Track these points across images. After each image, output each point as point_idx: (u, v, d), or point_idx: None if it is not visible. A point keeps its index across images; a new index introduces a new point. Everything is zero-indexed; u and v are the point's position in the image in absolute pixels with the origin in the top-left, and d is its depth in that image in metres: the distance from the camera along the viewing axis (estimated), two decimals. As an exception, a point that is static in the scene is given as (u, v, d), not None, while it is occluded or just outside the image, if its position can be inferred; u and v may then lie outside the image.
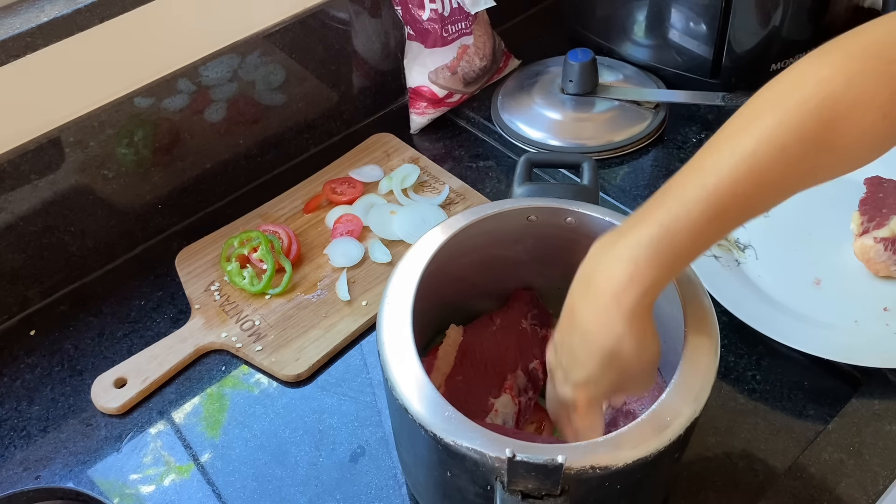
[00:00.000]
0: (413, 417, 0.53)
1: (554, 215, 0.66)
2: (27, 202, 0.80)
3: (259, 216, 0.92)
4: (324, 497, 0.69)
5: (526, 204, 0.66)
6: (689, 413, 0.53)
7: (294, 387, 0.77)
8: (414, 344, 0.56)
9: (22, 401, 0.78)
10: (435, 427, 0.52)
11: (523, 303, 0.72)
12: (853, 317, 0.76)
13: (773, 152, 0.49)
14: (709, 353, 0.56)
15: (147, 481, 0.71)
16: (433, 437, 0.52)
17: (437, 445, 0.52)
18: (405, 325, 0.57)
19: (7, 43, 0.72)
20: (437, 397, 0.53)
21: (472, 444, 0.50)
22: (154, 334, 0.82)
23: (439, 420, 0.52)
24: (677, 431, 0.52)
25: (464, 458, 0.51)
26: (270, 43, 0.92)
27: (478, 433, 0.51)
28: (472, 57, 1.02)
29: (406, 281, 0.60)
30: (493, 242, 0.68)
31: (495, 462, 0.50)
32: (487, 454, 0.50)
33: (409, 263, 0.62)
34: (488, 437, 0.51)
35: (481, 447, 0.50)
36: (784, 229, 0.85)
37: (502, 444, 0.50)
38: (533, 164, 0.73)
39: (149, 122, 0.86)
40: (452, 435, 0.51)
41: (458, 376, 0.67)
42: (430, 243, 0.63)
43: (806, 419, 0.71)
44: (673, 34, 1.01)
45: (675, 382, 0.54)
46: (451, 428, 0.51)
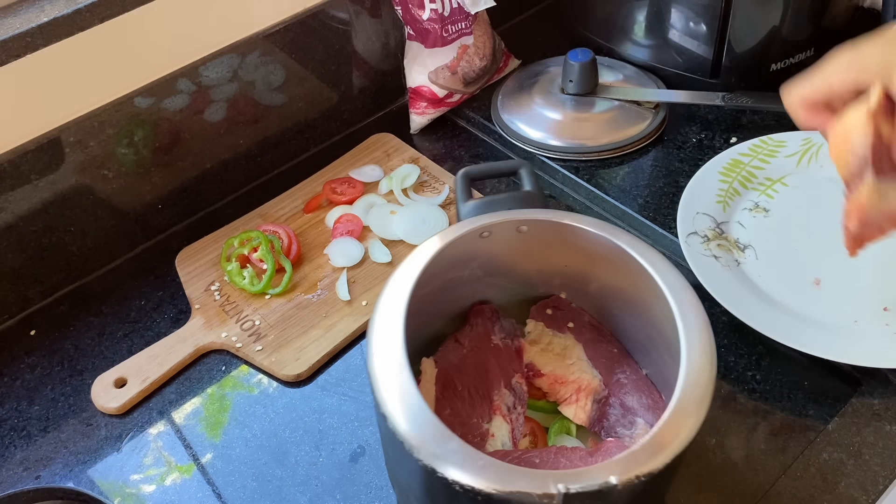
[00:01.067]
0: (443, 475, 0.49)
1: (507, 228, 0.65)
2: (27, 202, 0.80)
3: (259, 216, 0.92)
4: (324, 497, 0.69)
5: (480, 223, 0.65)
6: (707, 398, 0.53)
7: (294, 387, 0.77)
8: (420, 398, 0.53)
9: (22, 401, 0.78)
10: (473, 481, 0.49)
11: (485, 318, 0.71)
12: (853, 317, 0.76)
13: None
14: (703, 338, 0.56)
15: (147, 481, 0.71)
16: (470, 491, 0.49)
17: (476, 497, 0.49)
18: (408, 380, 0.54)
19: (7, 43, 0.72)
20: (469, 450, 0.50)
21: (514, 486, 0.48)
22: (154, 334, 0.82)
23: (475, 472, 0.49)
24: (702, 416, 0.52)
25: (508, 503, 0.49)
26: (270, 43, 0.92)
27: (518, 474, 0.49)
28: (472, 57, 1.02)
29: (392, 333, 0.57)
30: (449, 266, 0.66)
31: (543, 499, 0.48)
32: (534, 493, 0.48)
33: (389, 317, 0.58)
34: (530, 476, 0.49)
35: (527, 488, 0.48)
36: (784, 229, 0.85)
37: (546, 480, 0.48)
38: (471, 178, 0.72)
39: (149, 122, 0.86)
40: (493, 483, 0.48)
41: (445, 410, 0.65)
42: (402, 287, 0.60)
43: (806, 419, 0.71)
44: (673, 34, 1.01)
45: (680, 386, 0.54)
46: (490, 476, 0.49)
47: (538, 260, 0.70)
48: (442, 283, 0.67)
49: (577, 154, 0.97)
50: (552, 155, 0.97)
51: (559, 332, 0.71)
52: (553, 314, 0.72)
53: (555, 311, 0.72)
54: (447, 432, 0.51)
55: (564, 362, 0.70)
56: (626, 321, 0.69)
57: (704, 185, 0.88)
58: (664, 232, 0.86)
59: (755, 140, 0.92)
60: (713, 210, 0.86)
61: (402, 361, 0.55)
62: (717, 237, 0.84)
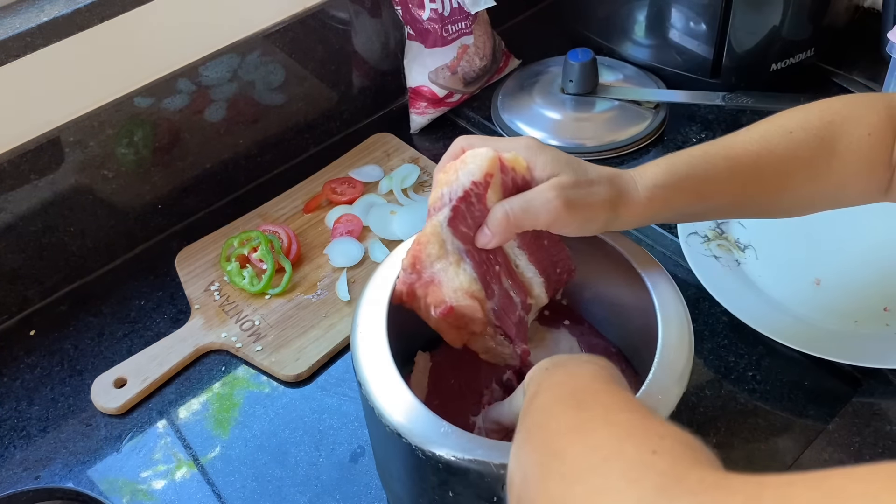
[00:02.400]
0: (407, 440, 0.51)
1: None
2: (27, 202, 0.80)
3: (259, 216, 0.92)
4: (324, 497, 0.69)
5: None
6: (676, 391, 0.53)
7: (294, 387, 0.77)
8: (394, 365, 0.55)
9: (22, 401, 0.78)
10: (433, 446, 0.50)
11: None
12: (853, 317, 0.76)
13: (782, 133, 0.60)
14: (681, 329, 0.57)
15: (146, 481, 0.71)
16: (432, 457, 0.50)
17: (438, 465, 0.50)
18: (383, 349, 0.56)
19: (7, 43, 0.72)
20: (432, 417, 0.52)
21: (473, 455, 0.49)
22: (154, 334, 0.82)
23: (437, 437, 0.51)
24: (669, 409, 0.52)
25: (467, 472, 0.50)
26: (270, 43, 0.92)
27: (477, 443, 0.50)
28: (472, 57, 1.02)
29: (376, 308, 0.59)
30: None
31: (500, 469, 0.49)
32: (492, 463, 0.49)
33: (375, 292, 0.60)
34: (489, 446, 0.50)
35: (484, 457, 0.49)
36: (784, 229, 0.85)
37: (504, 450, 0.49)
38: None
39: (149, 122, 0.86)
40: (453, 450, 0.50)
41: (434, 402, 0.66)
42: (391, 269, 0.61)
43: (806, 419, 0.71)
44: (673, 34, 1.01)
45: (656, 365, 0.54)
46: (451, 443, 0.50)
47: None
48: None
49: (577, 154, 0.96)
50: (552, 155, 0.97)
51: (554, 328, 0.72)
52: (550, 315, 0.72)
53: (552, 312, 0.73)
54: (416, 402, 0.52)
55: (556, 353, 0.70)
56: (620, 327, 0.69)
57: (704, 185, 0.88)
58: (664, 232, 0.86)
59: (755, 140, 0.92)
60: (713, 210, 0.86)
61: (382, 334, 0.56)
62: (718, 237, 0.84)
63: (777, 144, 0.59)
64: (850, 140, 0.60)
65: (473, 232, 0.57)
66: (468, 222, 0.57)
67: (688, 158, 0.59)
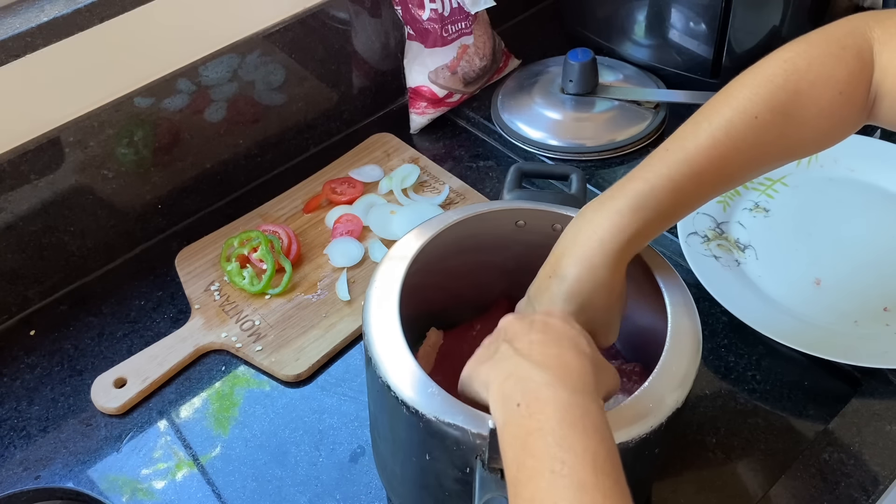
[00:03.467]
0: (395, 394, 0.52)
1: (542, 220, 0.66)
2: (27, 202, 0.80)
3: (259, 216, 0.92)
4: (324, 497, 0.69)
5: (515, 206, 0.66)
6: (673, 400, 0.53)
7: (294, 387, 0.77)
8: (401, 326, 0.56)
9: (22, 401, 0.78)
10: (417, 403, 0.51)
11: (502, 309, 0.71)
12: (853, 317, 0.76)
13: (747, 120, 0.55)
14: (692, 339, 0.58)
15: (146, 480, 0.71)
16: (415, 414, 0.51)
17: (419, 423, 0.52)
18: (392, 309, 0.57)
19: (7, 43, 0.71)
20: (422, 376, 0.53)
21: (453, 419, 0.50)
22: (154, 334, 0.82)
23: (423, 397, 0.52)
24: (660, 419, 0.52)
25: (444, 436, 0.51)
26: (270, 43, 0.92)
27: (459, 409, 0.51)
28: (472, 57, 1.02)
29: (395, 266, 0.60)
30: (480, 247, 0.67)
31: (476, 439, 0.49)
32: (469, 430, 0.50)
33: (396, 254, 0.62)
34: (470, 414, 0.51)
35: (463, 423, 0.50)
36: (784, 229, 0.85)
37: (483, 420, 0.50)
38: (523, 173, 0.73)
39: (149, 122, 0.86)
40: (435, 411, 0.51)
41: (437, 377, 0.66)
42: (417, 237, 0.63)
43: (806, 419, 0.71)
44: (673, 34, 1.01)
45: (659, 369, 0.54)
46: (434, 404, 0.51)
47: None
48: (468, 263, 0.68)
49: (577, 154, 0.97)
50: (552, 155, 0.97)
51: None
52: None
53: None
54: (412, 362, 0.54)
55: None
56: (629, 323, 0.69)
57: (704, 185, 0.88)
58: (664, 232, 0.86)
59: (755, 140, 0.92)
60: (713, 210, 0.86)
61: (394, 302, 0.58)
62: (718, 237, 0.84)
63: (744, 138, 0.55)
64: (821, 105, 0.57)
65: None
66: None
67: (655, 199, 0.55)
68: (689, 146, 0.55)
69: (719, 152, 0.55)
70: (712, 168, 0.56)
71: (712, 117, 0.56)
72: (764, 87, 0.56)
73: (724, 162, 0.56)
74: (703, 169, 0.55)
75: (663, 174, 0.55)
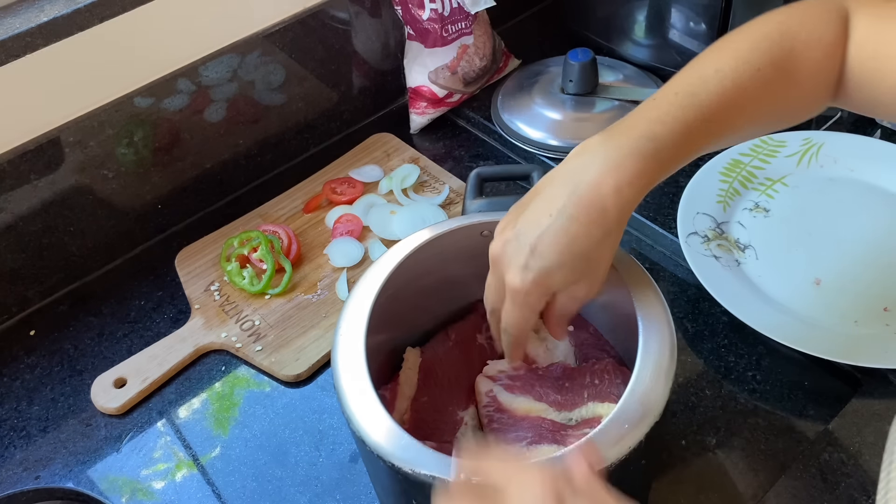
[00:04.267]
0: (371, 449, 0.53)
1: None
2: (27, 202, 0.80)
3: (259, 216, 0.92)
4: (324, 497, 0.69)
5: (477, 220, 0.66)
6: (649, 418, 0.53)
7: (294, 387, 0.77)
8: (369, 376, 0.56)
9: (22, 401, 0.78)
10: (392, 457, 0.52)
11: (479, 315, 0.72)
12: (853, 317, 0.76)
13: (751, 71, 0.55)
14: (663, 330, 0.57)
15: (146, 480, 0.71)
16: (391, 467, 0.52)
17: (397, 475, 0.52)
18: (359, 359, 0.57)
19: (7, 43, 0.72)
20: (394, 428, 0.53)
21: (428, 470, 0.50)
22: (154, 334, 0.82)
23: (396, 449, 0.52)
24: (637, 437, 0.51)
25: (424, 486, 0.51)
26: (270, 43, 0.92)
27: (434, 459, 0.51)
28: (472, 57, 1.02)
29: (358, 313, 0.60)
30: (447, 262, 0.67)
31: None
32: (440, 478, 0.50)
33: (361, 295, 0.61)
34: (442, 462, 0.51)
35: (439, 473, 0.50)
36: (784, 229, 0.85)
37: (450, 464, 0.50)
38: (483, 178, 0.73)
39: (149, 122, 0.86)
40: (410, 463, 0.51)
41: (423, 397, 0.66)
42: (380, 270, 0.63)
43: (806, 419, 0.71)
44: (673, 34, 1.01)
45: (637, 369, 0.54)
46: (408, 456, 0.51)
47: None
48: (442, 278, 0.68)
49: (577, 154, 0.97)
50: (552, 155, 0.97)
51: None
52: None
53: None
54: (382, 411, 0.54)
55: (549, 357, 0.70)
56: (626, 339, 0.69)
57: (704, 185, 0.88)
58: (664, 232, 0.86)
59: (755, 140, 0.92)
60: (713, 210, 0.86)
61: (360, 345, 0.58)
62: (718, 237, 0.84)
63: (748, 89, 0.55)
64: (810, 67, 0.57)
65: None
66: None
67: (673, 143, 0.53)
68: (700, 92, 0.55)
69: (729, 100, 0.55)
70: (721, 116, 0.55)
71: (720, 65, 0.56)
72: (763, 42, 0.57)
73: (732, 111, 0.55)
74: (714, 116, 0.54)
75: (679, 118, 0.53)
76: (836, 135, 0.91)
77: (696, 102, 0.54)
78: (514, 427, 0.64)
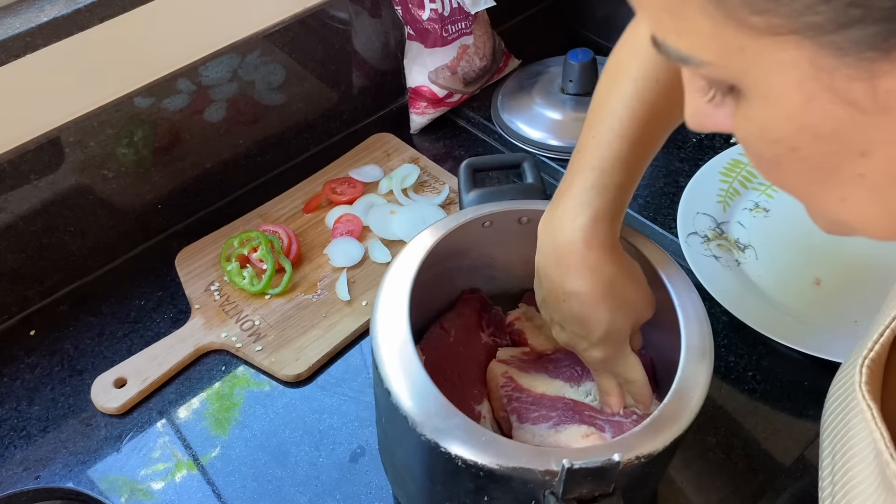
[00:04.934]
0: (446, 449, 0.50)
1: (508, 218, 0.67)
2: (27, 202, 0.80)
3: (259, 216, 0.92)
4: (324, 497, 0.69)
5: (482, 212, 0.66)
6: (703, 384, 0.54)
7: (294, 387, 0.77)
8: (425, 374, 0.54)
9: (22, 401, 0.78)
10: (475, 454, 0.50)
11: (473, 308, 0.72)
12: (853, 317, 0.76)
13: (650, 85, 0.57)
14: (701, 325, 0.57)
15: (146, 480, 0.71)
16: (472, 465, 0.50)
17: (478, 473, 0.50)
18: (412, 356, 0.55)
19: (7, 43, 0.72)
20: (472, 425, 0.51)
21: (518, 463, 0.49)
22: (154, 334, 0.82)
23: (479, 446, 0.50)
24: (699, 403, 0.53)
25: (510, 479, 0.49)
26: (270, 43, 0.92)
27: (522, 451, 0.50)
28: (472, 57, 1.02)
29: (396, 312, 0.58)
30: (449, 255, 0.67)
31: (546, 476, 0.49)
32: (537, 469, 0.49)
33: (393, 297, 0.59)
34: (532, 453, 0.50)
35: (529, 464, 0.49)
36: (784, 229, 0.85)
37: (549, 457, 0.49)
38: (475, 169, 0.72)
39: (149, 122, 0.86)
40: (497, 458, 0.49)
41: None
42: (407, 269, 0.61)
43: (806, 419, 0.71)
44: (673, 34, 1.01)
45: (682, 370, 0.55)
46: (494, 450, 0.50)
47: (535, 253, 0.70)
48: (439, 272, 0.68)
49: (577, 154, 0.97)
50: (552, 155, 0.97)
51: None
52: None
53: None
54: (451, 408, 0.52)
55: (551, 343, 0.71)
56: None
57: (704, 185, 0.88)
58: (664, 232, 0.86)
59: (755, 140, 0.92)
60: (713, 210, 0.86)
61: (407, 338, 0.56)
62: (718, 237, 0.84)
63: (656, 100, 0.57)
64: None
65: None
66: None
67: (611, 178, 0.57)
68: (613, 124, 0.57)
69: (645, 119, 0.57)
70: (646, 136, 0.58)
71: (620, 92, 0.58)
72: (646, 53, 0.57)
73: (654, 125, 0.58)
74: (639, 138, 0.57)
75: (607, 157, 0.57)
76: (836, 135, 0.91)
77: (616, 136, 0.57)
78: (534, 406, 0.64)
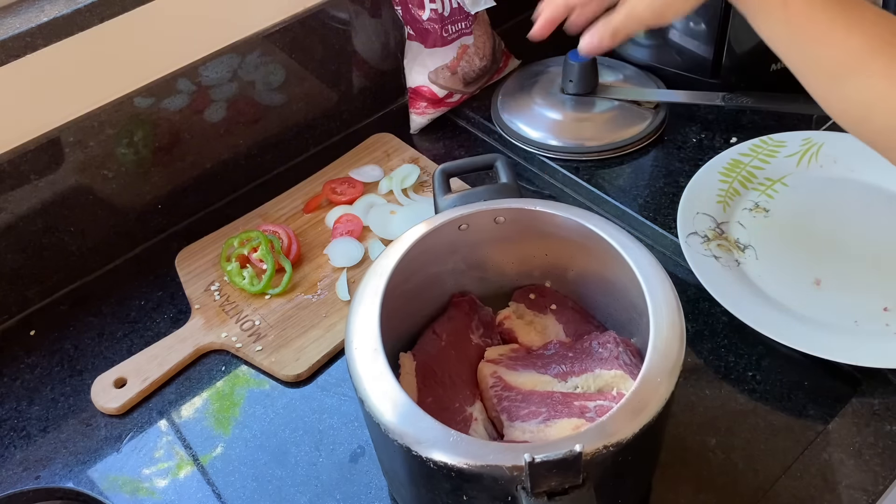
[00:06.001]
0: (418, 453, 0.51)
1: (484, 219, 0.67)
2: (27, 202, 0.80)
3: (259, 216, 0.92)
4: (324, 497, 0.69)
5: (455, 214, 0.66)
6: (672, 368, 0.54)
7: (294, 387, 0.77)
8: (395, 381, 0.55)
9: (22, 401, 0.78)
10: (445, 456, 0.51)
11: (463, 310, 0.72)
12: (853, 317, 0.76)
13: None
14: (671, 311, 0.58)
15: (146, 480, 0.71)
16: (444, 466, 0.51)
17: (450, 473, 0.51)
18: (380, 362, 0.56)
19: (7, 43, 0.72)
20: (440, 428, 0.52)
21: (486, 461, 0.50)
22: (154, 334, 0.82)
23: (448, 447, 0.51)
24: (671, 388, 0.53)
25: (480, 477, 0.50)
26: (270, 43, 0.92)
27: (489, 448, 0.50)
28: (472, 57, 1.02)
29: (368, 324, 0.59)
30: (430, 261, 0.68)
31: (514, 471, 0.49)
32: (504, 466, 0.49)
33: (365, 309, 0.60)
34: (499, 449, 0.50)
35: (496, 461, 0.49)
36: (784, 229, 0.85)
37: (516, 452, 0.49)
38: (448, 174, 0.73)
39: (149, 122, 0.86)
40: (465, 457, 0.50)
41: (427, 399, 0.66)
42: (378, 277, 0.62)
43: (806, 419, 0.71)
44: (673, 34, 1.01)
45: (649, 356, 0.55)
46: (462, 450, 0.50)
47: (519, 250, 0.71)
48: (424, 278, 0.68)
49: (577, 154, 0.97)
50: (552, 155, 0.97)
51: (540, 313, 0.72)
52: (535, 299, 0.73)
53: (538, 296, 0.73)
54: (421, 413, 0.53)
55: (542, 339, 0.71)
56: (608, 304, 0.70)
57: (704, 185, 0.88)
58: (664, 232, 0.86)
59: (755, 140, 0.92)
60: (713, 210, 0.86)
61: (378, 348, 0.57)
62: (718, 237, 0.84)
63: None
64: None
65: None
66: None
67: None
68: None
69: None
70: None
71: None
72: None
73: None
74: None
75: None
76: (836, 135, 0.91)
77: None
78: (524, 403, 0.64)
